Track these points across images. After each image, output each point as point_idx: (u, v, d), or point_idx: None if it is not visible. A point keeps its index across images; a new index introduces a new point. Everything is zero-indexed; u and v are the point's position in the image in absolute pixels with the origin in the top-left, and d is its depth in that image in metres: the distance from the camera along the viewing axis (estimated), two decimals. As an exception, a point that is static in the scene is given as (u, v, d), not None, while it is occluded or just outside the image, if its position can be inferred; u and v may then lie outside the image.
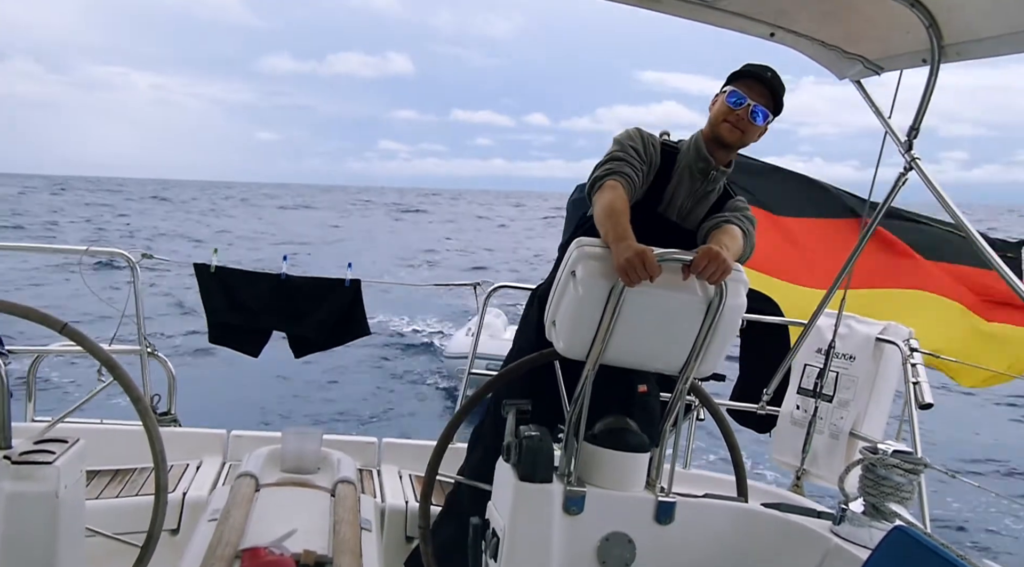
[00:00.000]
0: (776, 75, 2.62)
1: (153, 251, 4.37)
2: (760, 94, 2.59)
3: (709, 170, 2.68)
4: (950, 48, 2.77)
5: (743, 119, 2.59)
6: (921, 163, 3.03)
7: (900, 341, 3.75)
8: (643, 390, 2.76)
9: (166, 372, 4.05)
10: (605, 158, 2.60)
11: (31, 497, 2.15)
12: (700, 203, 2.72)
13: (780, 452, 4.11)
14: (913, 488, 2.38)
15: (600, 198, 2.46)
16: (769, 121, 2.64)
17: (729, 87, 2.63)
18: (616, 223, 2.26)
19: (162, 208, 62.19)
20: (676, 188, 2.70)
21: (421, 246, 39.55)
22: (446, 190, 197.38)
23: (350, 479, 2.58)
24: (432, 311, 19.39)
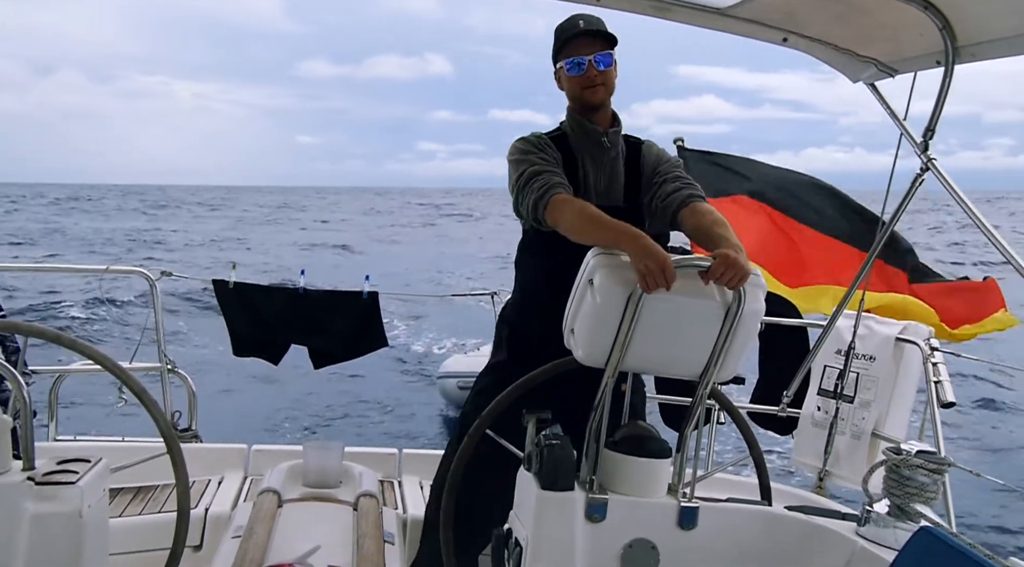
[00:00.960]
0: (589, 18, 2.63)
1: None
2: (587, 44, 2.59)
3: (599, 138, 2.68)
4: (964, 50, 2.75)
5: (595, 76, 2.60)
6: (937, 163, 3.02)
7: (920, 340, 3.73)
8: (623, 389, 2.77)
9: (186, 388, 4.07)
10: (524, 179, 2.55)
11: (55, 517, 2.17)
12: (612, 173, 2.71)
13: (802, 454, 4.09)
14: (938, 488, 2.36)
15: (563, 213, 2.44)
16: (613, 60, 2.63)
17: (560, 63, 2.64)
18: (614, 225, 2.26)
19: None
20: (584, 170, 2.69)
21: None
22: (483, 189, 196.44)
23: (372, 492, 2.59)
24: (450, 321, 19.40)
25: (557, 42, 2.66)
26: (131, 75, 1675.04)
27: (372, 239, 45.96)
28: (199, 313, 15.82)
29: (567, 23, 2.64)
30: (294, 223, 59.70)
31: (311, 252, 36.40)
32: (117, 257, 28.91)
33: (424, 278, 28.14)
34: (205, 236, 43.22)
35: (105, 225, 50.80)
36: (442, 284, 26.07)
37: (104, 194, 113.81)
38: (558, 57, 2.66)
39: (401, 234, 51.74)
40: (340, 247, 38.43)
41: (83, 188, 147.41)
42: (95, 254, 32.97)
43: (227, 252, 33.17)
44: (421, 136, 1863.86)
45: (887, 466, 2.40)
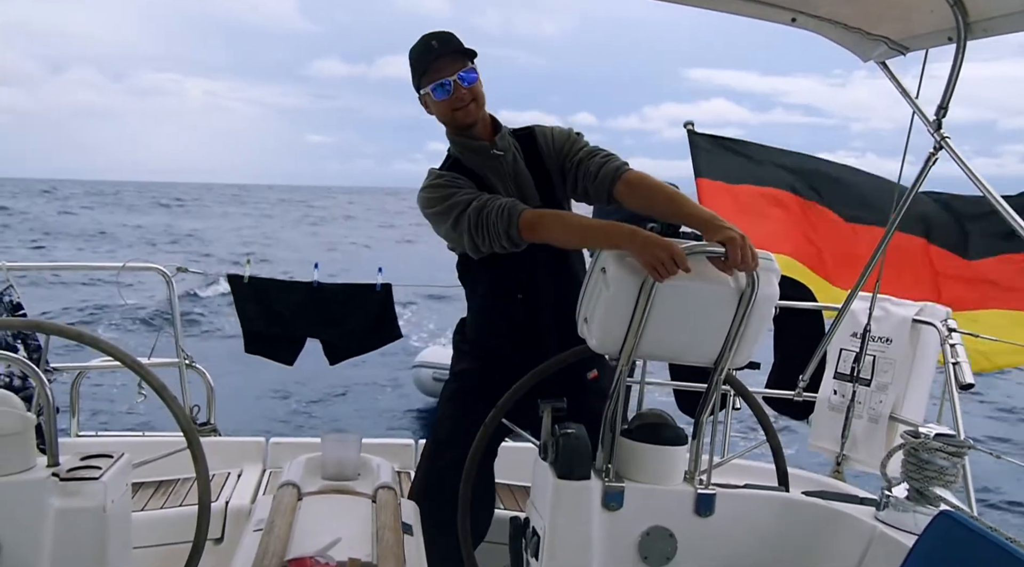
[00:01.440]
0: (440, 35, 2.54)
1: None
2: (448, 64, 2.50)
3: (489, 151, 2.61)
4: (976, 25, 2.71)
5: (464, 95, 2.53)
6: (951, 141, 2.99)
7: (938, 322, 3.70)
8: (594, 376, 2.77)
9: (204, 383, 4.10)
10: (473, 215, 2.44)
11: (80, 512, 2.20)
12: (517, 175, 2.64)
13: (819, 438, 4.07)
14: (957, 471, 2.34)
15: (544, 228, 2.40)
16: (475, 74, 2.55)
17: (424, 89, 2.55)
18: (605, 229, 2.24)
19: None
20: (491, 186, 2.60)
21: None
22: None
23: (390, 484, 2.60)
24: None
25: (417, 68, 2.56)
26: (143, 72, 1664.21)
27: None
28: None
29: (421, 47, 2.54)
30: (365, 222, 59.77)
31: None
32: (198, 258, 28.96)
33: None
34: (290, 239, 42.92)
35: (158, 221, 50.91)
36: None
37: (118, 189, 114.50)
38: (421, 82, 2.56)
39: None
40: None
41: (96, 184, 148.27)
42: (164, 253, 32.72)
43: (316, 256, 33.51)
44: (431, 136, 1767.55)
45: (905, 450, 2.38)
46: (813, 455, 4.21)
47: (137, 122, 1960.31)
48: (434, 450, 2.88)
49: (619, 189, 2.51)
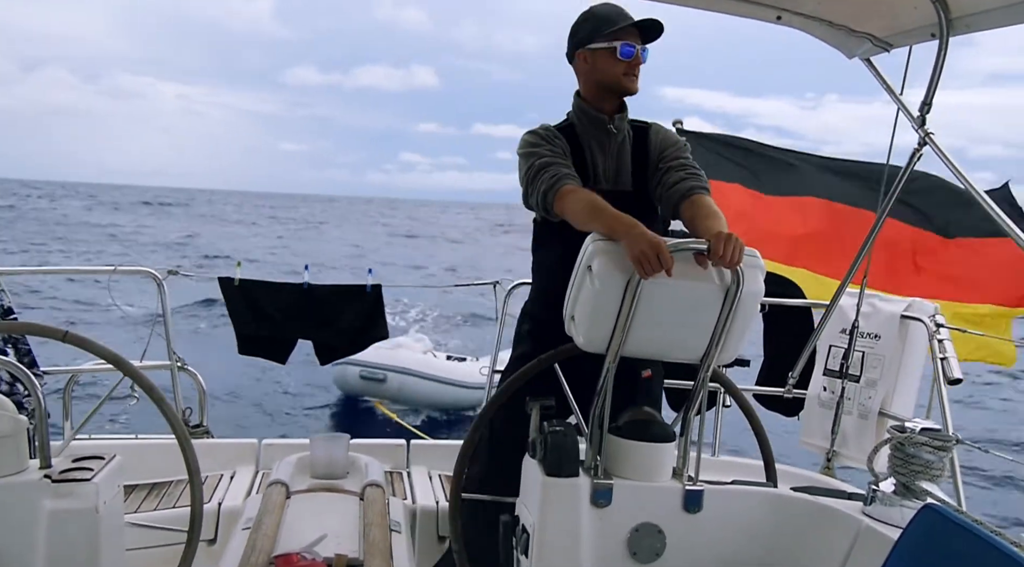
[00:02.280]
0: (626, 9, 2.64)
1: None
2: (631, 35, 2.61)
3: (606, 125, 2.69)
4: (958, 21, 2.74)
5: (637, 66, 2.64)
6: (935, 137, 3.01)
7: (926, 317, 3.72)
8: (647, 375, 2.77)
9: (196, 385, 4.11)
10: (533, 171, 2.58)
11: (72, 514, 2.21)
12: (620, 157, 2.72)
13: (809, 435, 4.09)
14: (943, 465, 2.36)
15: (569, 203, 2.46)
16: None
17: (606, 43, 2.62)
18: (612, 215, 2.27)
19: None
20: (593, 158, 2.70)
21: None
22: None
23: (378, 482, 2.62)
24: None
25: (604, 24, 2.64)
26: (117, 74, 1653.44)
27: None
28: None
29: (613, 11, 2.64)
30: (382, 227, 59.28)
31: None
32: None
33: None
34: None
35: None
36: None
37: (97, 192, 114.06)
38: (602, 38, 2.64)
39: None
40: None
41: (66, 186, 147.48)
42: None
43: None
44: (405, 147, 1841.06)
45: (892, 444, 2.39)
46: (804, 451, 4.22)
47: (110, 124, 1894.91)
48: (491, 438, 2.86)
49: (683, 206, 2.58)
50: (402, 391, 12.12)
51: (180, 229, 49.05)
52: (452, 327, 20.07)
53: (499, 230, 69.07)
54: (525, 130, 2.72)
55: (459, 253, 45.09)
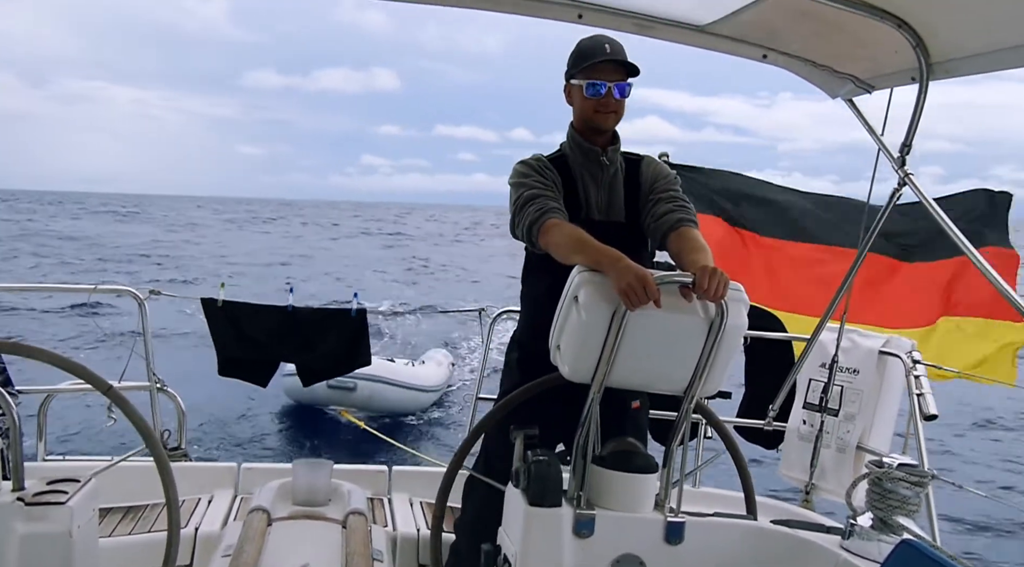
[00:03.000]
0: (614, 44, 2.67)
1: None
2: (612, 71, 2.65)
3: (599, 157, 2.73)
4: (938, 66, 2.81)
5: (610, 103, 2.67)
6: (914, 178, 3.08)
7: (903, 354, 3.77)
8: (636, 407, 2.79)
9: (175, 406, 4.07)
10: (521, 202, 2.61)
11: (45, 538, 2.17)
12: (613, 189, 2.76)
13: (788, 468, 4.11)
14: (920, 500, 2.40)
15: (553, 237, 2.49)
16: (630, 90, 2.70)
17: (579, 80, 2.68)
18: (597, 248, 2.29)
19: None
20: (585, 189, 2.74)
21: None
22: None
23: (361, 510, 2.60)
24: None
25: (580, 60, 2.69)
26: (66, 79, 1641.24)
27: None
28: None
29: (592, 44, 2.68)
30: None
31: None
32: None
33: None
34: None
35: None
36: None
37: (61, 200, 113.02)
38: (575, 74, 2.70)
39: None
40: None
41: (13, 194, 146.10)
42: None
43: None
44: (366, 150, 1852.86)
45: (870, 479, 2.43)
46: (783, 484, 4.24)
47: (61, 130, 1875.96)
48: (485, 463, 2.87)
49: (670, 238, 2.61)
50: (372, 399, 12.19)
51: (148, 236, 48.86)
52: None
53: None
54: (486, 131, 2.75)
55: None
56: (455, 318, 18.66)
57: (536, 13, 2.93)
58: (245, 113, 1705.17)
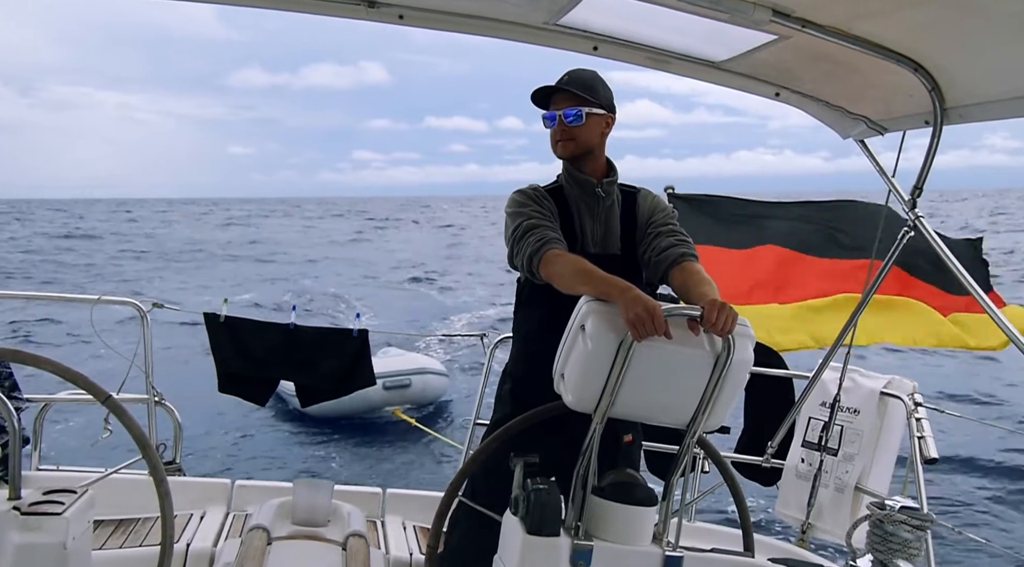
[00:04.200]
0: (578, 73, 2.69)
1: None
2: (562, 99, 2.67)
3: (594, 189, 2.74)
4: (952, 111, 2.82)
5: (564, 130, 2.69)
6: (924, 221, 3.09)
7: (904, 395, 3.76)
8: (628, 440, 2.77)
9: (172, 421, 4.06)
10: (520, 233, 2.60)
11: (40, 548, 2.16)
12: (608, 221, 2.76)
13: (785, 506, 4.10)
14: (921, 544, 2.38)
15: (557, 267, 2.48)
16: (590, 111, 2.68)
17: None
18: (603, 278, 2.28)
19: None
20: (581, 221, 2.74)
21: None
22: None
23: (361, 532, 2.58)
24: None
25: (543, 96, 2.73)
26: (52, 86, 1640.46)
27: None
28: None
29: (546, 87, 2.71)
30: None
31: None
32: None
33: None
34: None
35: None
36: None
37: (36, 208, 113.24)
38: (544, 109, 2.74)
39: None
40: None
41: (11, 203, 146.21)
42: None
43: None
44: (357, 145, 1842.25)
45: (871, 521, 2.41)
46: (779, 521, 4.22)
47: (48, 137, 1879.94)
48: (471, 492, 2.82)
49: (673, 273, 2.61)
50: (426, 391, 12.93)
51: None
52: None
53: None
54: (476, 121, 2.77)
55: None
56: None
57: (552, 44, 2.96)
58: (233, 113, 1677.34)
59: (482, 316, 23.69)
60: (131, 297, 4.23)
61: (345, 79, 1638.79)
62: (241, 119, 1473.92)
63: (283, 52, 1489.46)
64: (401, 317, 23.50)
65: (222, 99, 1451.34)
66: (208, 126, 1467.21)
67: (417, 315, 24.31)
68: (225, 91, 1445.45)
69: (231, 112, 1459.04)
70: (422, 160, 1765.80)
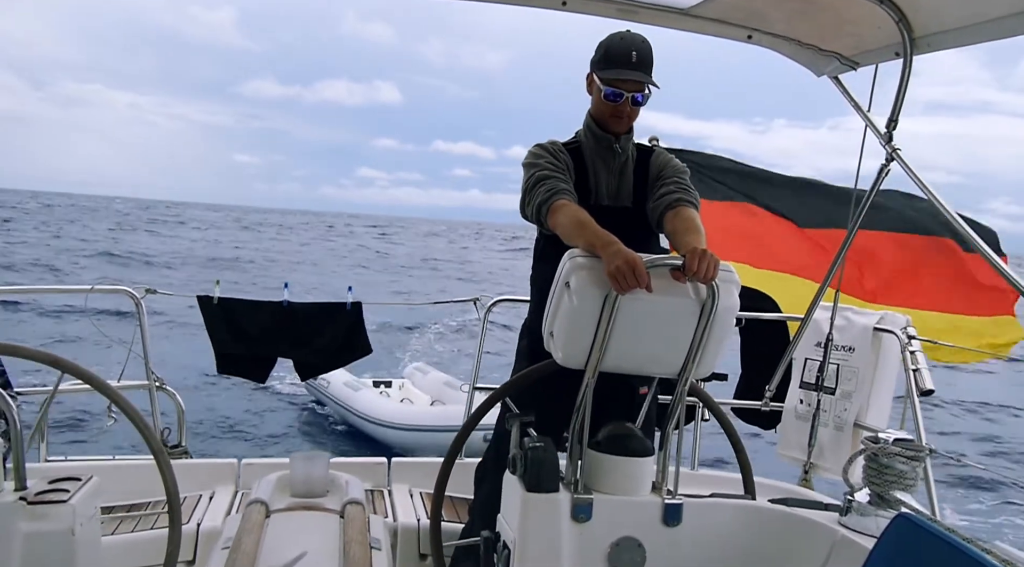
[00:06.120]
0: (641, 50, 2.66)
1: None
2: (631, 79, 2.67)
3: (612, 145, 2.78)
4: (921, 40, 2.83)
5: (625, 110, 2.71)
6: (902, 153, 3.08)
7: (898, 329, 3.78)
8: (644, 392, 2.80)
9: (175, 405, 4.08)
10: (532, 182, 2.65)
11: (48, 536, 2.19)
12: (622, 175, 2.81)
13: (786, 447, 4.13)
14: (917, 475, 2.41)
15: (559, 217, 2.52)
16: (648, 97, 2.72)
17: (600, 81, 2.70)
18: (594, 231, 2.30)
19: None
20: (595, 175, 2.79)
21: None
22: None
23: (358, 500, 2.61)
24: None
25: (607, 61, 2.70)
26: (64, 82, 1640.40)
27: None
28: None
29: (621, 48, 2.67)
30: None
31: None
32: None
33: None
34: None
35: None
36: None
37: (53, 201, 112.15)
38: (602, 74, 2.71)
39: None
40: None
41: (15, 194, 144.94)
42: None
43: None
44: (363, 162, 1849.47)
45: (866, 455, 2.44)
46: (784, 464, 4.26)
47: (58, 132, 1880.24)
48: (496, 448, 2.91)
49: (667, 216, 2.64)
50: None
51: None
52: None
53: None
54: (483, 148, 2.78)
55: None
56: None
57: (521, 1, 2.93)
58: (239, 121, 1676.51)
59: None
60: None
61: (357, 96, 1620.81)
62: (247, 128, 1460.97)
63: (298, 65, 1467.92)
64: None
65: (231, 107, 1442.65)
66: (214, 132, 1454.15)
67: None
68: (235, 99, 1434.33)
69: (238, 120, 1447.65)
70: (426, 182, 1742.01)
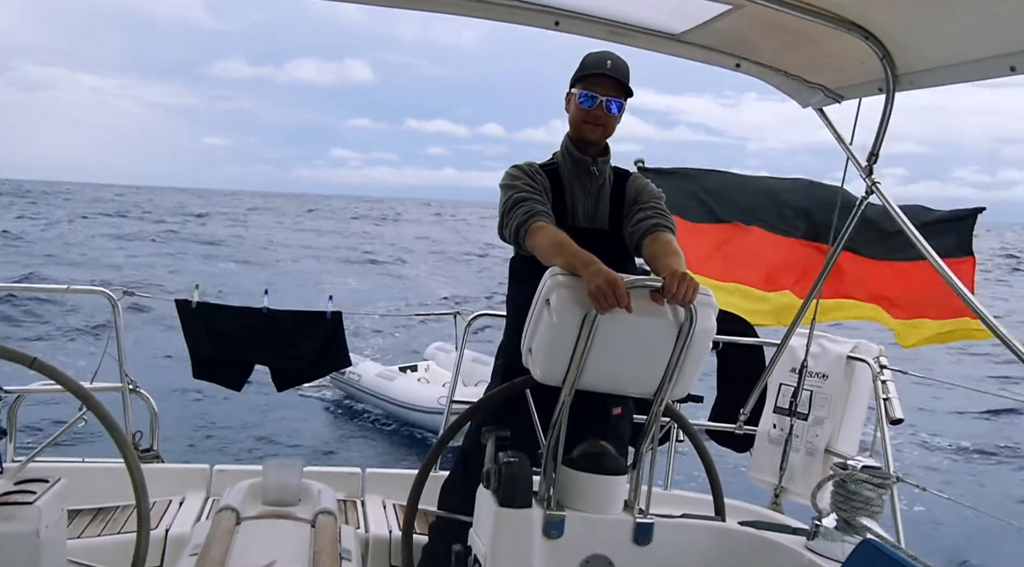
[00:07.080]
0: (617, 61, 2.74)
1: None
2: (608, 87, 2.72)
3: (589, 167, 2.81)
4: (904, 77, 2.88)
5: (600, 116, 2.74)
6: (881, 186, 3.14)
7: (871, 358, 3.84)
8: (618, 413, 2.82)
9: (148, 409, 4.05)
10: (509, 204, 2.67)
11: (11, 538, 2.17)
12: (599, 198, 2.84)
13: (758, 471, 4.17)
14: (883, 502, 2.44)
15: (537, 238, 2.54)
16: (623, 108, 2.77)
17: (576, 89, 2.76)
18: (574, 251, 2.33)
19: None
20: (572, 197, 2.82)
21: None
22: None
23: (330, 510, 2.61)
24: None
25: (580, 70, 2.76)
26: (23, 65, 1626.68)
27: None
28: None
29: (597, 58, 2.75)
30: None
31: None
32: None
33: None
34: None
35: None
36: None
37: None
38: (577, 84, 2.77)
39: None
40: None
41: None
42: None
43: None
44: (336, 142, 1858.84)
45: (834, 481, 2.48)
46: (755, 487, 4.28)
47: (17, 117, 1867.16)
48: (463, 465, 2.91)
49: (645, 242, 2.67)
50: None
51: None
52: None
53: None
54: (457, 125, 2.79)
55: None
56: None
57: (513, 19, 2.98)
58: (209, 103, 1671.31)
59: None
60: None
61: (328, 76, 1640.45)
62: (216, 110, 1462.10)
63: (269, 45, 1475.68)
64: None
65: (198, 88, 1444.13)
66: (183, 114, 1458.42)
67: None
68: (202, 80, 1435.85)
69: (209, 102, 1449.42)
70: (400, 161, 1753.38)
